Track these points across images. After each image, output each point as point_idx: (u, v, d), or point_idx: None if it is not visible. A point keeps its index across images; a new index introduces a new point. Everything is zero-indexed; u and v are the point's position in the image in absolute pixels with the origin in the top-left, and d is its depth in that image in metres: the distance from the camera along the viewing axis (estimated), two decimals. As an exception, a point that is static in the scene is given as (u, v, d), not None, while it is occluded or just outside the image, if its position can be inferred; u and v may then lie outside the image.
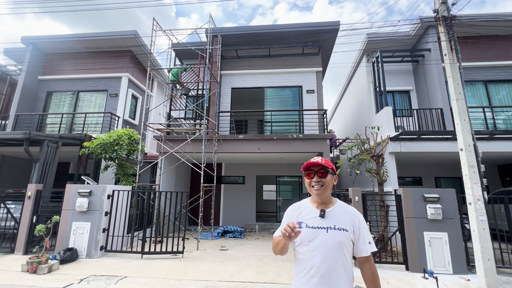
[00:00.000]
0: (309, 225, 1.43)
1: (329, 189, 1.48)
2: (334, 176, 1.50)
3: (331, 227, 1.40)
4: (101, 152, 7.16)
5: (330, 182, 1.47)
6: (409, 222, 5.11)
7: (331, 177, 1.48)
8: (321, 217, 1.43)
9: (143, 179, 10.31)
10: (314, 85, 9.43)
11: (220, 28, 9.38)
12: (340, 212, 1.45)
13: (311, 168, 1.48)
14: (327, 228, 1.40)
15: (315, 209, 1.47)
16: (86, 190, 5.81)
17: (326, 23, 9.01)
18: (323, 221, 1.42)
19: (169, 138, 8.47)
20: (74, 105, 10.11)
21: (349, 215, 1.44)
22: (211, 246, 6.97)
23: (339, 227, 1.39)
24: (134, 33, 9.71)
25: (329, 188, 1.47)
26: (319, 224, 1.42)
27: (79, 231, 5.68)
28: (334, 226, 1.40)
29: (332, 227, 1.40)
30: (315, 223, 1.43)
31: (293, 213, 1.54)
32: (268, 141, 8.18)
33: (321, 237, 1.39)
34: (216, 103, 8.87)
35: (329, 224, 1.41)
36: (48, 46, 10.33)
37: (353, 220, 1.42)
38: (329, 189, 1.48)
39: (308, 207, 1.51)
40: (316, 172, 1.45)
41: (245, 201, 11.10)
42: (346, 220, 1.42)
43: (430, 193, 5.15)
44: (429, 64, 8.74)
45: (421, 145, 7.67)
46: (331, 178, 1.48)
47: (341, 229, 1.39)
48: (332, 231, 1.39)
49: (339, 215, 1.44)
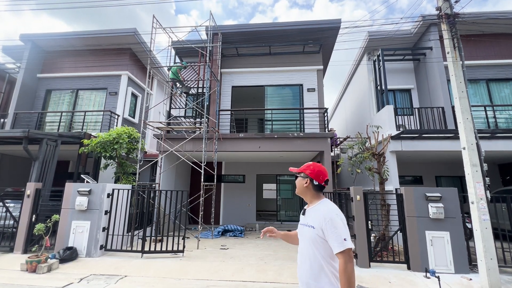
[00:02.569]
0: (300, 222, 1.71)
1: (300, 191, 1.69)
2: (305, 179, 1.66)
3: (306, 224, 1.61)
4: (100, 150, 7.11)
5: (297, 183, 1.70)
6: (411, 221, 5.08)
7: (299, 179, 1.69)
8: (303, 215, 1.68)
9: (143, 178, 10.29)
10: (315, 83, 9.38)
11: (221, 26, 9.32)
12: (314, 211, 1.59)
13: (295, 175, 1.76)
14: (304, 225, 1.63)
15: (305, 209, 1.71)
16: (85, 188, 5.77)
17: (327, 21, 8.95)
18: (303, 219, 1.67)
19: (169, 137, 8.42)
20: (73, 103, 10.05)
21: (318, 214, 1.53)
22: (211, 245, 6.94)
23: (309, 225, 1.57)
24: (134, 30, 9.63)
25: (298, 188, 1.69)
26: (301, 221, 1.69)
27: (78, 230, 5.65)
28: (307, 223, 1.59)
29: (306, 224, 1.60)
30: (301, 220, 1.70)
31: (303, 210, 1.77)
32: (268, 140, 8.14)
33: (301, 231, 1.66)
34: (216, 101, 8.81)
35: (306, 221, 1.62)
36: (47, 44, 10.26)
37: (319, 219, 1.51)
38: (300, 191, 1.69)
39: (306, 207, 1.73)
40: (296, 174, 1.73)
41: (246, 200, 11.07)
42: (315, 219, 1.54)
43: (432, 192, 5.12)
44: (431, 63, 8.69)
45: (423, 144, 7.64)
46: (298, 180, 1.69)
47: (310, 226, 1.55)
48: (306, 227, 1.59)
49: (313, 214, 1.59)
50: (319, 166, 1.68)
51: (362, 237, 5.17)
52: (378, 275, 4.72)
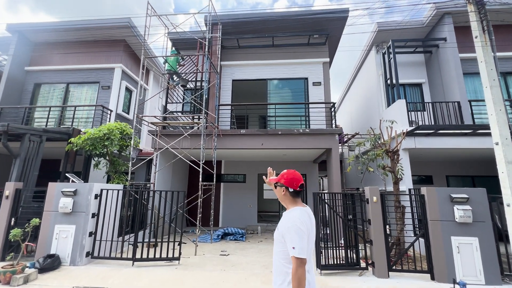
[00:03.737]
0: None
1: (279, 197, 1.81)
2: (282, 188, 1.77)
3: (277, 228, 1.74)
4: (89, 148, 6.53)
5: (276, 193, 1.82)
6: (434, 225, 4.53)
7: (278, 190, 1.81)
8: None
9: (138, 177, 9.70)
10: (321, 77, 8.82)
11: (221, 15, 8.74)
12: (284, 217, 1.71)
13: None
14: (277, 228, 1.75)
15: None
16: (70, 189, 5.19)
17: (334, 10, 8.40)
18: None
19: (165, 133, 7.84)
20: (63, 98, 9.44)
21: (283, 220, 1.69)
22: (210, 250, 6.38)
23: (277, 227, 1.72)
24: (128, 21, 9.05)
25: (279, 198, 1.82)
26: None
27: (62, 235, 5.07)
28: (278, 226, 1.73)
29: (277, 228, 1.73)
30: None
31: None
32: (272, 136, 7.58)
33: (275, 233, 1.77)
34: (216, 95, 8.24)
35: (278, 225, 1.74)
36: (36, 35, 9.65)
37: (283, 225, 1.66)
38: (279, 197, 1.81)
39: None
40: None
41: (246, 201, 10.50)
42: (281, 224, 1.69)
43: (458, 193, 4.57)
44: (445, 55, 8.15)
45: (438, 140, 7.12)
46: (277, 190, 1.81)
47: (277, 229, 1.71)
48: (276, 231, 1.73)
49: (282, 219, 1.71)
50: (292, 173, 1.80)
51: (380, 244, 4.62)
52: (400, 287, 4.17)
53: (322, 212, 4.95)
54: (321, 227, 4.86)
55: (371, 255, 4.77)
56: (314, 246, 2.05)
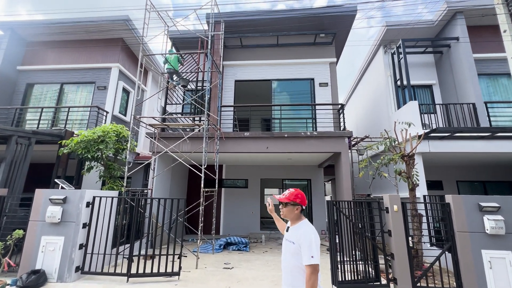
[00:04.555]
0: (284, 237, 2.07)
1: (289, 214, 2.02)
2: (296, 207, 2.00)
3: (288, 239, 1.98)
4: (82, 151, 6.06)
5: (288, 211, 2.02)
6: (462, 237, 4.10)
7: (289, 207, 2.01)
8: (287, 231, 2.04)
9: (136, 183, 9.21)
10: (328, 77, 8.45)
11: (224, 13, 8.37)
12: (296, 229, 1.95)
13: (281, 202, 2.04)
14: (287, 240, 1.99)
15: (288, 226, 2.08)
16: (59, 196, 4.71)
17: (341, 8, 8.07)
18: (287, 235, 2.03)
19: (164, 136, 7.40)
20: (57, 98, 8.97)
21: (299, 232, 1.90)
22: (212, 262, 5.88)
23: (290, 240, 1.95)
24: (126, 18, 8.66)
25: (288, 214, 2.02)
26: (285, 237, 2.04)
27: (49, 247, 4.57)
28: (288, 239, 1.97)
29: (288, 240, 1.97)
30: (285, 236, 2.06)
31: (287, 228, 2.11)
32: (277, 140, 7.16)
33: (284, 245, 2.02)
34: (218, 95, 7.82)
35: (288, 238, 1.99)
36: (29, 33, 9.22)
37: (299, 237, 1.88)
38: (289, 214, 2.02)
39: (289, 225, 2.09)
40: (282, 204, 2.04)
41: (249, 207, 10.03)
42: (295, 236, 1.91)
43: (488, 202, 4.16)
44: (457, 55, 7.82)
45: (453, 144, 6.74)
46: (289, 208, 2.01)
47: (290, 242, 1.94)
48: (287, 242, 1.98)
49: (295, 232, 1.95)
50: (302, 192, 2.04)
51: (402, 257, 4.17)
52: (428, 307, 3.72)
53: (338, 222, 4.50)
54: (337, 239, 4.41)
55: (392, 270, 4.32)
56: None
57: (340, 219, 4.63)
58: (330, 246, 4.39)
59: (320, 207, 9.94)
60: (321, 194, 10.08)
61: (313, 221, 9.77)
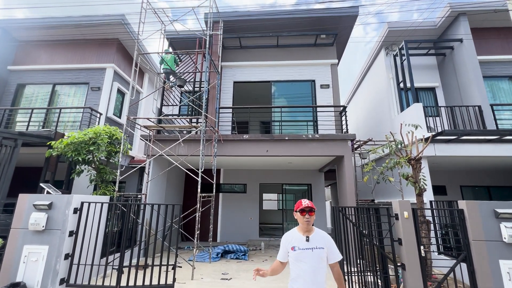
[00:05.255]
0: (301, 247, 2.12)
1: (312, 221, 2.19)
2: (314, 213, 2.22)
3: (317, 247, 2.11)
4: (72, 154, 5.73)
5: (313, 218, 2.19)
6: (478, 246, 3.82)
7: (313, 215, 2.20)
8: (307, 241, 2.13)
9: (130, 187, 8.87)
10: (329, 79, 8.24)
11: (223, 13, 8.17)
12: (318, 237, 2.17)
13: (305, 209, 2.18)
14: (316, 248, 2.11)
15: (302, 236, 2.17)
16: (44, 202, 4.36)
17: (343, 9, 7.91)
18: (308, 244, 2.12)
19: (159, 138, 7.09)
20: (49, 99, 8.64)
21: (324, 239, 2.17)
22: (209, 272, 5.52)
23: (320, 246, 2.11)
24: (121, 18, 8.42)
25: (312, 220, 2.19)
26: (306, 246, 2.11)
27: (32, 257, 4.20)
28: (317, 246, 2.12)
29: (317, 247, 2.11)
30: (304, 246, 2.12)
31: (287, 239, 2.22)
32: (278, 142, 6.89)
33: (309, 254, 2.09)
34: (216, 96, 7.55)
35: (316, 245, 2.12)
36: (21, 32, 8.92)
37: (325, 241, 2.15)
38: (312, 221, 2.19)
39: (297, 235, 2.20)
40: (308, 211, 2.17)
41: (247, 213, 9.69)
42: (322, 242, 2.14)
43: (505, 208, 3.90)
44: (461, 57, 7.67)
45: (459, 148, 6.52)
46: (313, 215, 2.20)
47: (320, 248, 2.11)
48: (317, 250, 2.10)
49: (318, 239, 2.15)
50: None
51: (414, 268, 3.88)
52: (444, 324, 3.41)
53: (344, 229, 4.20)
54: (344, 248, 4.10)
55: (403, 282, 4.02)
56: None
57: (346, 226, 4.33)
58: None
59: (320, 214, 9.62)
60: (322, 200, 9.79)
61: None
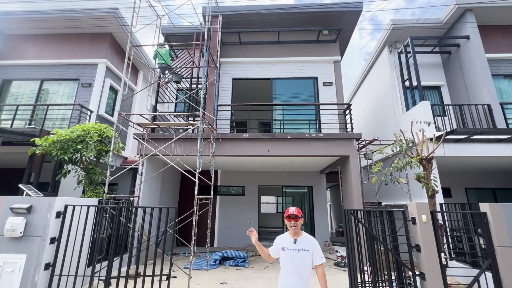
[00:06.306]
0: (289, 248, 2.40)
1: (299, 226, 2.48)
2: (301, 219, 2.50)
3: (303, 249, 2.38)
4: (57, 152, 5.27)
5: (300, 224, 2.48)
6: (504, 253, 3.48)
7: (300, 220, 2.49)
8: (294, 243, 2.41)
9: (122, 189, 8.40)
10: (332, 76, 7.93)
11: (222, 6, 7.82)
12: (305, 241, 2.43)
13: (290, 215, 2.48)
14: (302, 250, 2.37)
15: (291, 239, 2.45)
16: (22, 205, 3.90)
17: (346, 4, 7.63)
18: (295, 246, 2.40)
19: (154, 137, 6.66)
20: (36, 96, 8.15)
21: (309, 242, 2.44)
22: (207, 281, 5.09)
23: (305, 249, 2.38)
24: (115, 11, 8.01)
25: (299, 225, 2.48)
26: (293, 247, 2.40)
27: (7, 268, 3.73)
28: (303, 248, 2.38)
29: (303, 249, 2.38)
30: (292, 247, 2.40)
31: (280, 240, 2.52)
32: (279, 142, 6.52)
33: (293, 255, 2.37)
34: (214, 93, 7.16)
35: (302, 247, 2.39)
36: (7, 25, 8.44)
37: (311, 245, 2.41)
38: (299, 226, 2.48)
39: (287, 237, 2.49)
40: (293, 217, 2.47)
41: (246, 216, 9.27)
42: (308, 244, 2.41)
43: (532, 211, 3.57)
44: (468, 55, 7.42)
45: (469, 147, 6.25)
46: (300, 221, 2.49)
47: (305, 250, 2.37)
48: (303, 251, 2.37)
49: (305, 242, 2.42)
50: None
51: (436, 278, 3.51)
52: None
53: (356, 234, 3.83)
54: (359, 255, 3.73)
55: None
56: None
57: (357, 231, 3.96)
58: (349, 263, 3.70)
59: (322, 217, 9.26)
60: (323, 203, 9.43)
61: (315, 231, 9.07)
